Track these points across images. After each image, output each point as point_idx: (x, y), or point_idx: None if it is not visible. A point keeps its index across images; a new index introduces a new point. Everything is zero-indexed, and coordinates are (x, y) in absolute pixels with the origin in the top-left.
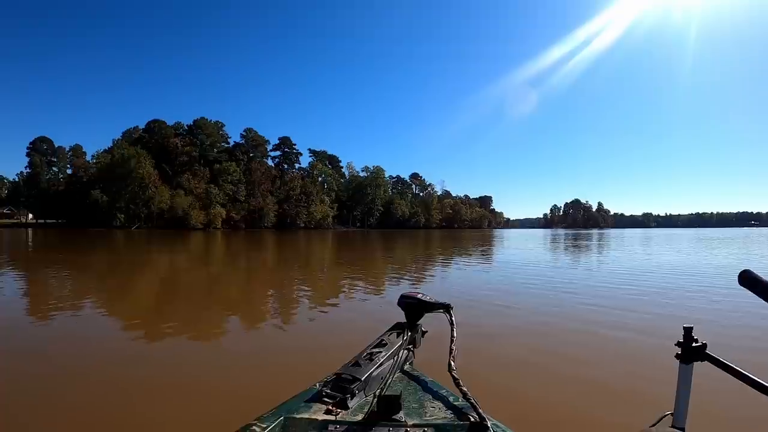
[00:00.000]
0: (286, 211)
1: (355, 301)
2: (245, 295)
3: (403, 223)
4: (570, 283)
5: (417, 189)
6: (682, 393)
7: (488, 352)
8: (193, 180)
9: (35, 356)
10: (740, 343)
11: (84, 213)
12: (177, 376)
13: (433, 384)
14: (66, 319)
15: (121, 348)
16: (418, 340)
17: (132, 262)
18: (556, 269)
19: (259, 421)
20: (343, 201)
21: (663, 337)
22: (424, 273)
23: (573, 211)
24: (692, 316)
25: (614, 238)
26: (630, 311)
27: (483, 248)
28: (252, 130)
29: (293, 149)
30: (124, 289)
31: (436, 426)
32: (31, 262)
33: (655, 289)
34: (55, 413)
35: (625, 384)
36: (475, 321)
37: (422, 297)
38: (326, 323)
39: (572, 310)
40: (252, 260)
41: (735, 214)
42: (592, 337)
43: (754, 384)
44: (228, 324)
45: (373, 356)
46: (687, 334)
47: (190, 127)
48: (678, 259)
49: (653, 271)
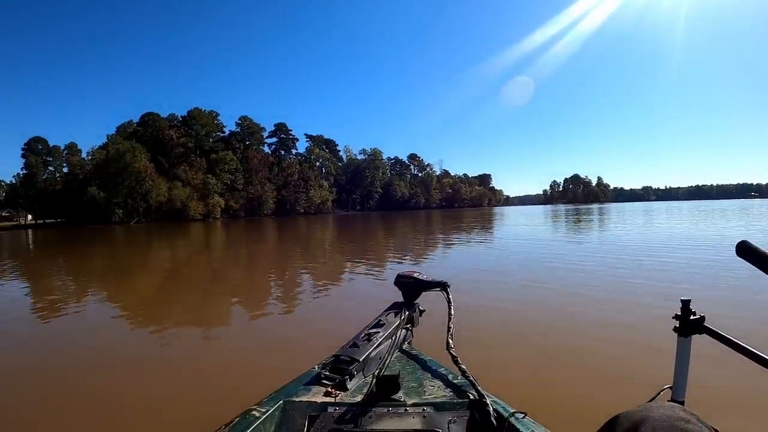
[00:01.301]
0: (285, 197)
1: (358, 282)
2: (251, 283)
3: (402, 204)
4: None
5: (416, 170)
6: (681, 366)
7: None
8: (190, 171)
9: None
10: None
11: (83, 211)
12: (194, 360)
13: (431, 362)
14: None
15: (128, 336)
16: (416, 319)
17: (127, 260)
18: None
19: (258, 406)
20: (342, 185)
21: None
22: (426, 253)
23: (573, 186)
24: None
25: (623, 213)
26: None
27: (484, 227)
28: (247, 117)
29: (289, 135)
30: (124, 288)
31: (435, 404)
32: (30, 266)
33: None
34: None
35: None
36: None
37: (419, 276)
38: (332, 303)
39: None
40: (253, 248)
41: (735, 186)
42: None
43: (753, 356)
44: (237, 311)
45: (371, 337)
46: (685, 307)
47: (184, 118)
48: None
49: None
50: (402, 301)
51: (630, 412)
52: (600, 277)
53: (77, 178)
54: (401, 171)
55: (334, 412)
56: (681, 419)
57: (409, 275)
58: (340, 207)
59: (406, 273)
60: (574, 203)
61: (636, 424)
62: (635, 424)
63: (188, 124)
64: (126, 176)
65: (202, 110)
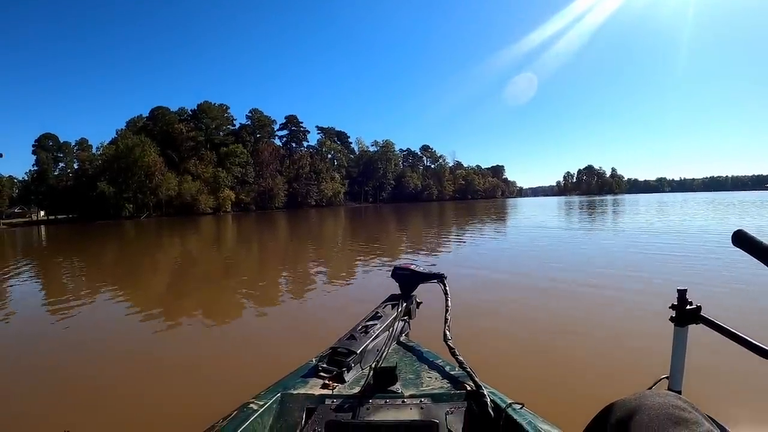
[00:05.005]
0: (297, 189)
1: (370, 276)
2: (266, 278)
3: (415, 196)
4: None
5: (428, 161)
6: (678, 356)
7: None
8: (200, 164)
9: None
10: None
11: (93, 206)
12: (213, 349)
13: (429, 354)
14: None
15: (139, 328)
16: (413, 311)
17: (125, 259)
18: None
19: (256, 399)
20: (354, 177)
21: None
22: (442, 247)
23: (587, 177)
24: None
25: (643, 205)
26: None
27: (504, 219)
28: (257, 110)
29: (300, 127)
30: (134, 284)
31: (432, 396)
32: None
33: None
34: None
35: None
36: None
37: (415, 268)
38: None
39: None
40: (265, 242)
41: (750, 177)
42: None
43: (750, 345)
44: (252, 305)
45: (369, 329)
46: (681, 296)
47: (194, 112)
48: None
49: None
50: (399, 294)
51: (625, 400)
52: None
53: (87, 174)
54: (414, 163)
55: (331, 404)
56: (676, 407)
57: (406, 267)
58: (352, 199)
59: (403, 265)
60: (588, 194)
61: (631, 412)
62: (630, 411)
63: (198, 118)
64: (135, 171)
65: (212, 104)
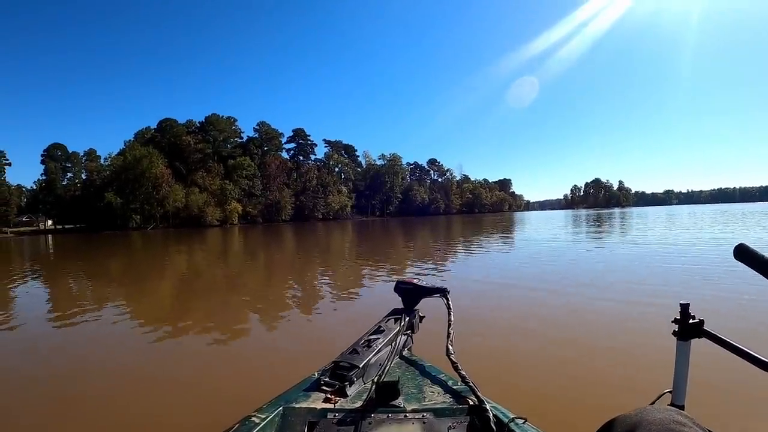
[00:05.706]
0: (304, 203)
1: (375, 289)
2: (271, 291)
3: (422, 210)
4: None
5: (435, 175)
6: (681, 370)
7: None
8: (208, 177)
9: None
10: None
11: (100, 216)
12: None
13: (431, 368)
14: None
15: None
16: (415, 326)
17: (132, 268)
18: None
19: (258, 412)
20: (361, 190)
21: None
22: (448, 262)
23: (594, 190)
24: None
25: (652, 217)
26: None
27: (512, 234)
28: (265, 123)
29: (308, 140)
30: (139, 294)
31: (434, 410)
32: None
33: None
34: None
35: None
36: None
37: (418, 282)
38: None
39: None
40: (273, 256)
41: (758, 189)
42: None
43: (753, 360)
44: (257, 318)
45: (371, 343)
46: (684, 311)
47: (202, 124)
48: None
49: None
50: (402, 308)
51: (626, 416)
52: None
53: (95, 184)
54: (421, 176)
55: (333, 418)
56: (677, 422)
57: (409, 281)
58: (359, 212)
59: (406, 279)
60: (595, 208)
61: (631, 428)
62: (631, 427)
63: (206, 130)
64: (143, 182)
65: (219, 116)
